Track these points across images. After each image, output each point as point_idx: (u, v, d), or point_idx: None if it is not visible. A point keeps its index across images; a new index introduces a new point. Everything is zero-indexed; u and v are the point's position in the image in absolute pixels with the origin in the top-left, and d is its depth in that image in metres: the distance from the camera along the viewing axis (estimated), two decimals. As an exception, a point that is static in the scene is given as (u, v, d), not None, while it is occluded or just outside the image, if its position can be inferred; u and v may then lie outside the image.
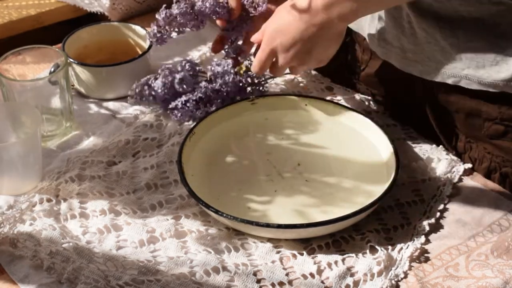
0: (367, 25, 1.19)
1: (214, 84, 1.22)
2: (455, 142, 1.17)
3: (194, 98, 1.21)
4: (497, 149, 1.13)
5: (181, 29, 1.18)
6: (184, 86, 1.22)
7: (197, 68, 1.26)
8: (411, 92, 1.20)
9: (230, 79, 1.22)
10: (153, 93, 1.22)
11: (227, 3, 1.19)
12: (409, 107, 1.22)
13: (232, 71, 1.22)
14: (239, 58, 1.23)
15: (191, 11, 1.17)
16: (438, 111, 1.17)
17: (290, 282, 0.98)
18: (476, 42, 1.08)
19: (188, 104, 1.21)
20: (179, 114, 1.21)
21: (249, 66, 1.24)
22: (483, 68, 1.08)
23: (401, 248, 1.01)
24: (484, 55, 1.08)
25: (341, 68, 1.31)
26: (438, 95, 1.15)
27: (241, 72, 1.24)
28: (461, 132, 1.16)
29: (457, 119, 1.15)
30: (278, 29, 1.09)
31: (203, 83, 1.23)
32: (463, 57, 1.09)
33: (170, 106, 1.22)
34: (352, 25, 1.25)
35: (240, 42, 1.23)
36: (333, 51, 1.11)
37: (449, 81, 1.12)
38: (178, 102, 1.21)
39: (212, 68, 1.23)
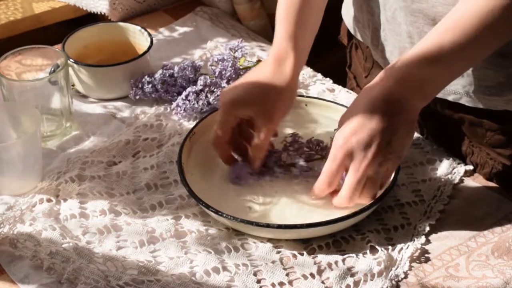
0: (370, 36, 1.19)
1: (214, 73, 1.23)
2: (457, 146, 1.17)
3: (194, 90, 1.21)
4: (499, 156, 1.13)
5: None
6: (184, 83, 1.23)
7: (198, 66, 1.26)
8: None
9: (230, 65, 1.22)
10: (151, 89, 1.23)
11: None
12: None
13: (231, 58, 1.23)
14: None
15: None
16: (440, 118, 1.17)
17: (290, 282, 0.98)
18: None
19: (189, 98, 1.21)
20: (182, 110, 1.21)
21: None
22: (484, 86, 1.08)
23: (402, 248, 1.01)
24: (486, 74, 1.07)
25: (343, 74, 1.30)
26: (440, 107, 1.15)
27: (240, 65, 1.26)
28: (465, 136, 1.15)
29: (460, 126, 1.15)
30: (351, 131, 0.97)
31: (202, 76, 1.23)
32: (465, 75, 1.08)
33: (172, 106, 1.22)
34: (356, 34, 1.24)
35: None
36: (409, 142, 1.01)
37: (450, 98, 1.12)
38: (179, 99, 1.22)
39: (214, 59, 1.25)
